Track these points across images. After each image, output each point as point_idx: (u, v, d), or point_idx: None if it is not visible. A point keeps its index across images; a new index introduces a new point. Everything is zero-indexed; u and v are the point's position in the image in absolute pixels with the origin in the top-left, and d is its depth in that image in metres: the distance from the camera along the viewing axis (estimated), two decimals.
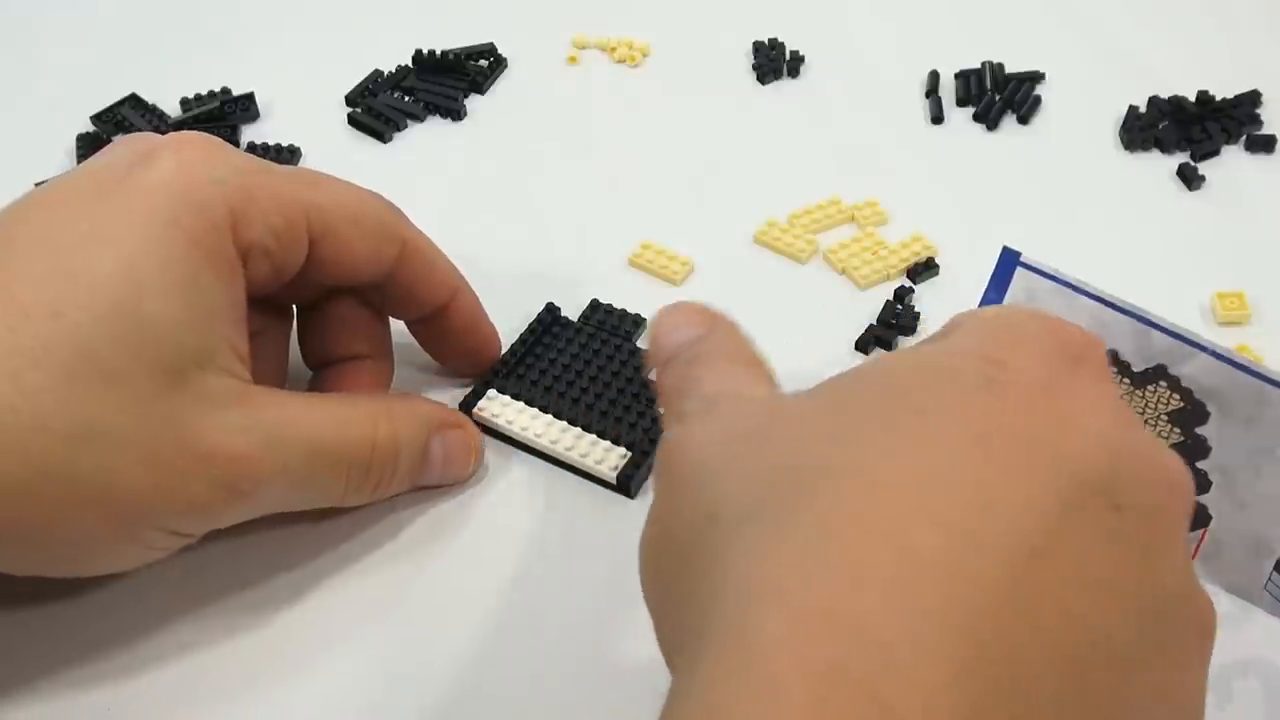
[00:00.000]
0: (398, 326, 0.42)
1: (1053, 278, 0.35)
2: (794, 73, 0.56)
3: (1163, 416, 0.34)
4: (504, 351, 0.42)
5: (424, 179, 0.51)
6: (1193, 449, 0.34)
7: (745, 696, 0.21)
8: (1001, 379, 0.26)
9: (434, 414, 0.38)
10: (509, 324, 0.43)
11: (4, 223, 0.33)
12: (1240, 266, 0.47)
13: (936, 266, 0.47)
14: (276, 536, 0.38)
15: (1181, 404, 0.34)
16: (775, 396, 0.29)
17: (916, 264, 0.47)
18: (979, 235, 0.48)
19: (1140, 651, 0.24)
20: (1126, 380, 0.35)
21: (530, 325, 0.43)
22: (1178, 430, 0.34)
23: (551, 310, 0.44)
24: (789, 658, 0.21)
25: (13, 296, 0.30)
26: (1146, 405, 0.35)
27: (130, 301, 0.31)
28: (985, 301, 0.36)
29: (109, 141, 0.52)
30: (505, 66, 0.57)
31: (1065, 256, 0.36)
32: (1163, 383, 0.34)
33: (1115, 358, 0.35)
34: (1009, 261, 0.35)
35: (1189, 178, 0.51)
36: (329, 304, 0.39)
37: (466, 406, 0.41)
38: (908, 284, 0.46)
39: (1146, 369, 0.34)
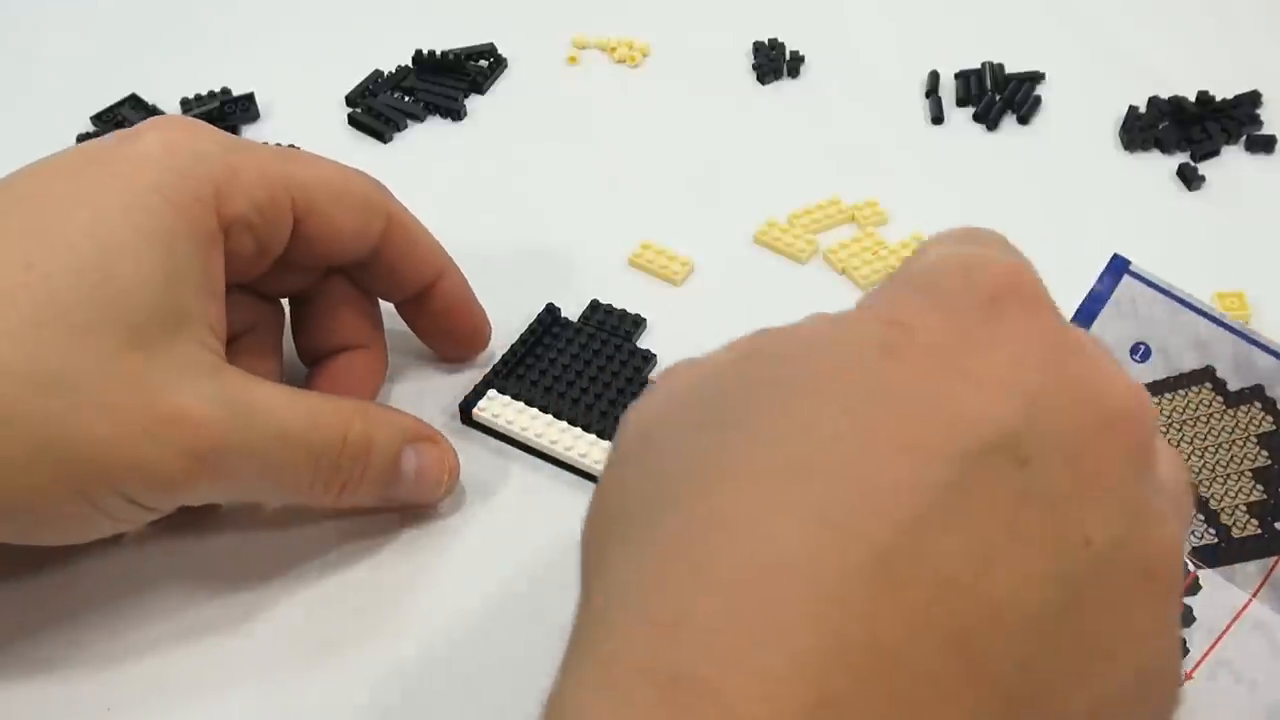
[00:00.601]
0: (395, 327, 0.42)
1: (1160, 289, 0.35)
2: (794, 73, 0.56)
3: (1252, 438, 0.34)
4: (504, 351, 0.43)
5: (424, 179, 0.51)
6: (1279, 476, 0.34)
7: (597, 700, 0.22)
8: (900, 344, 0.24)
9: (411, 425, 0.37)
10: (509, 324, 0.43)
11: None
12: (1240, 266, 0.47)
13: None
14: (274, 535, 0.38)
15: (1274, 427, 0.34)
16: (698, 362, 0.28)
17: None
18: None
19: (1059, 610, 0.23)
20: (1220, 398, 0.34)
21: (530, 325, 0.43)
22: (1265, 454, 0.34)
23: (551, 310, 0.44)
24: (637, 663, 0.22)
25: None
26: (1237, 425, 0.34)
27: (103, 259, 0.31)
28: (1085, 307, 0.36)
29: None
30: (505, 66, 0.57)
31: (1065, 257, 0.36)
32: (1257, 404, 0.34)
33: (1211, 374, 0.34)
34: (1117, 268, 0.35)
35: (1189, 178, 0.51)
36: (319, 294, 0.40)
37: (466, 406, 0.41)
38: None
39: (1243, 389, 0.34)
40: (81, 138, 0.52)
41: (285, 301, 0.41)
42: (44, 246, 0.31)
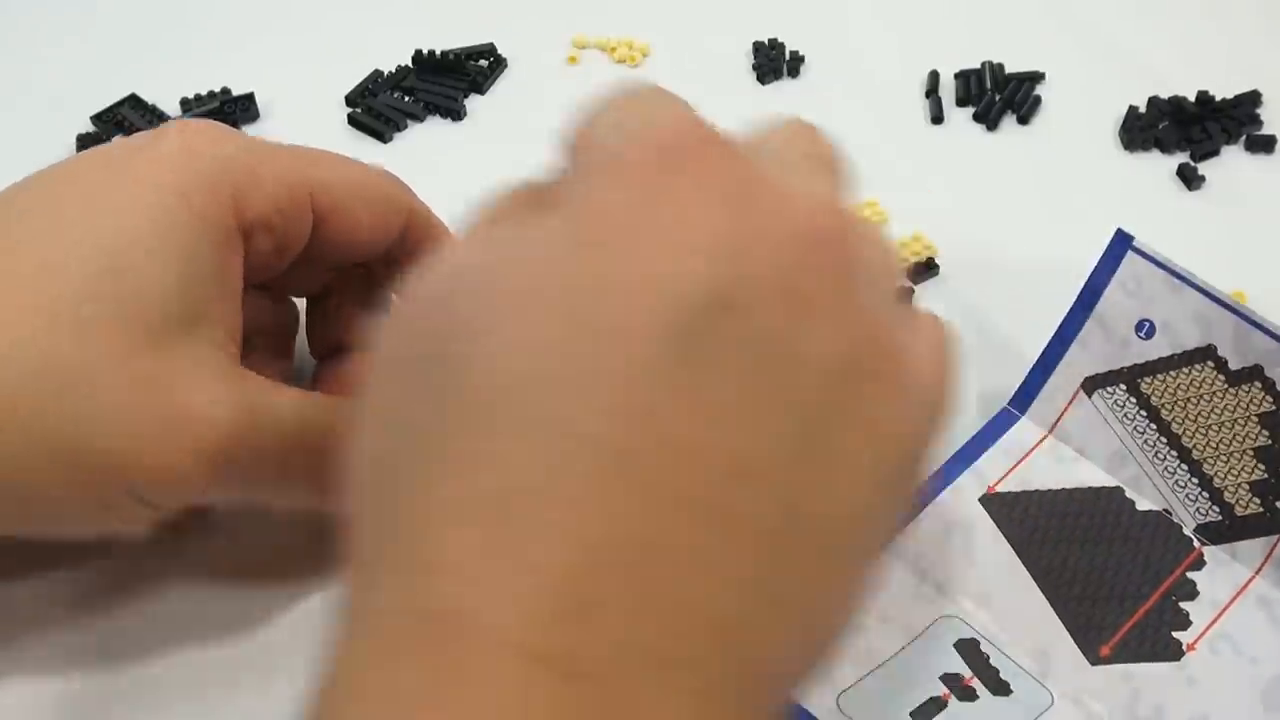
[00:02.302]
0: None
1: (1162, 266, 0.35)
2: (794, 73, 0.56)
3: (1253, 417, 0.34)
4: None
5: (424, 179, 0.50)
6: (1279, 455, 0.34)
7: (357, 647, 0.22)
8: (592, 233, 0.24)
9: None
10: None
11: (9, 191, 0.33)
12: (1240, 266, 0.47)
13: (936, 266, 0.47)
14: (275, 534, 0.38)
15: (1274, 407, 0.34)
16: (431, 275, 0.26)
17: (916, 264, 0.47)
18: (979, 235, 0.48)
19: (798, 437, 0.23)
20: (1222, 377, 0.34)
21: None
22: (1266, 433, 0.34)
23: None
24: (396, 608, 0.22)
25: (6, 250, 0.31)
26: (1239, 404, 0.34)
27: (118, 259, 0.31)
28: (1090, 283, 0.36)
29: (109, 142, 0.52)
30: (505, 66, 0.57)
31: (1065, 256, 0.36)
32: (1257, 383, 0.34)
33: (1213, 353, 0.34)
34: (1120, 244, 0.35)
35: (1189, 178, 0.51)
36: (336, 292, 0.39)
37: None
38: (908, 284, 0.46)
39: (1243, 368, 0.34)
40: (81, 138, 0.52)
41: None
42: (63, 249, 0.31)
